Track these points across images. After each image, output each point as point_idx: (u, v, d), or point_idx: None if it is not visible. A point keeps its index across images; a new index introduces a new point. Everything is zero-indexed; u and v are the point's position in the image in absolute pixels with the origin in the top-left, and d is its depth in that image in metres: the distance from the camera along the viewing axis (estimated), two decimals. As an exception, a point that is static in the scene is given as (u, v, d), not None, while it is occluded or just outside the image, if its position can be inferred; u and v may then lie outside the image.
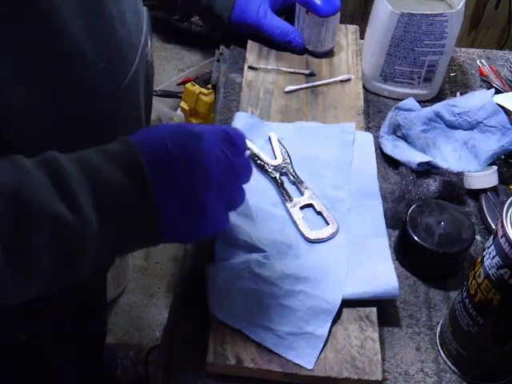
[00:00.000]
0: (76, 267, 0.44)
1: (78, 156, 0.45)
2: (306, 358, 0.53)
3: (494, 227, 0.67)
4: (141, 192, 0.45)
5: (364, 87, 0.85)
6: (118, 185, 0.44)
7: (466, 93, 0.84)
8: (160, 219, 0.46)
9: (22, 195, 0.40)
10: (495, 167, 0.72)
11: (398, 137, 0.76)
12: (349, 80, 0.83)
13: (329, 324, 0.55)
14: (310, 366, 0.53)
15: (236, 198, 0.53)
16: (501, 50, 0.99)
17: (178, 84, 1.97)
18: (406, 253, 0.65)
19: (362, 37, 0.89)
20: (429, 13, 0.76)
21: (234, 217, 0.60)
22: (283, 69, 0.84)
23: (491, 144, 0.73)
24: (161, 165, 0.46)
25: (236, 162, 0.51)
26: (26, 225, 0.40)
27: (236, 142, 0.51)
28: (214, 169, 0.48)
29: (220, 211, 0.50)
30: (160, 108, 1.94)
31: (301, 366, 0.53)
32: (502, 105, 0.76)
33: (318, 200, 0.66)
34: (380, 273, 0.59)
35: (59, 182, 0.42)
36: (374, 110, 0.84)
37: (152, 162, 0.46)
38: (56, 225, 0.41)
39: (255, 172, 0.69)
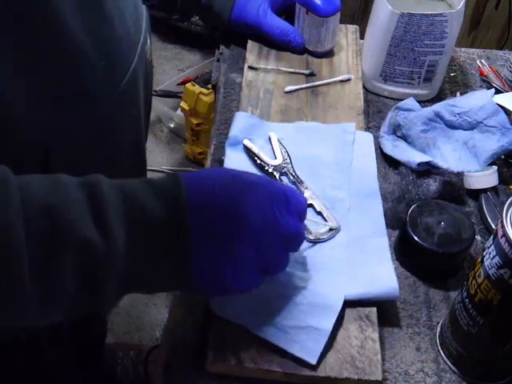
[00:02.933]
0: (100, 295, 0.43)
1: (121, 183, 0.44)
2: (309, 352, 0.53)
3: (494, 227, 0.67)
4: (176, 232, 0.43)
5: (364, 87, 0.85)
6: (154, 220, 0.42)
7: (466, 93, 0.84)
8: (189, 263, 0.44)
9: (56, 215, 0.39)
10: (495, 167, 0.72)
11: (398, 137, 0.76)
12: (349, 80, 0.83)
13: (333, 320, 0.55)
14: (313, 361, 0.53)
15: (275, 263, 0.49)
16: (501, 50, 0.99)
17: (178, 84, 1.97)
18: (406, 253, 0.65)
19: (362, 37, 0.89)
20: (429, 13, 0.76)
21: None
22: (283, 69, 0.84)
23: (491, 144, 0.73)
24: (203, 208, 0.44)
25: (284, 224, 0.47)
26: (56, 245, 0.39)
27: (291, 203, 0.48)
28: (256, 225, 0.46)
29: (253, 270, 0.47)
30: (160, 108, 1.95)
31: (301, 366, 0.53)
32: (502, 105, 0.76)
33: (318, 200, 0.66)
34: (380, 274, 0.59)
35: (96, 207, 0.41)
36: (374, 110, 0.84)
37: (194, 204, 0.44)
38: (85, 249, 0.40)
39: (255, 172, 0.69)
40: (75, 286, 0.41)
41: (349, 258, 0.61)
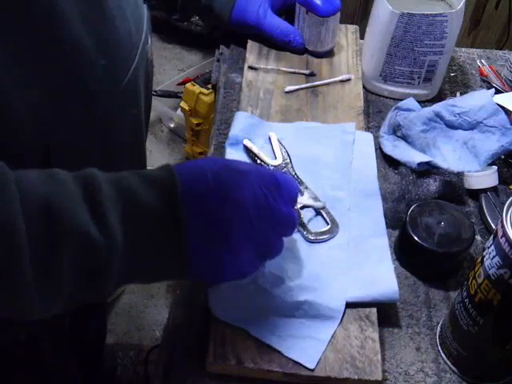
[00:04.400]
0: (98, 286, 0.44)
1: (115, 176, 0.44)
2: (307, 358, 0.53)
3: (494, 227, 0.67)
4: (172, 221, 0.44)
5: (364, 87, 0.85)
6: (150, 211, 0.43)
7: (466, 93, 0.84)
8: (187, 251, 0.45)
9: (54, 208, 0.40)
10: (495, 167, 0.72)
11: (398, 137, 0.76)
12: (349, 80, 0.83)
13: (333, 330, 0.55)
14: (311, 366, 0.53)
15: (270, 247, 0.50)
16: (501, 50, 0.99)
17: (178, 84, 1.97)
18: (406, 253, 0.65)
19: (362, 37, 0.89)
20: (429, 13, 0.76)
21: None
22: (283, 69, 0.84)
23: (491, 144, 0.73)
24: (197, 196, 0.45)
25: (278, 209, 0.48)
26: (54, 238, 0.40)
27: (283, 189, 0.49)
28: (251, 212, 0.46)
29: (249, 255, 0.48)
30: (160, 108, 1.95)
31: (301, 366, 0.53)
32: (502, 105, 0.76)
33: (318, 200, 0.66)
34: (380, 276, 0.59)
35: (92, 200, 0.42)
36: (374, 110, 0.84)
37: (189, 193, 0.44)
38: (83, 242, 0.41)
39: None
40: (74, 278, 0.41)
41: (349, 259, 0.61)
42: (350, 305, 0.57)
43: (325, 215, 0.65)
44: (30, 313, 0.43)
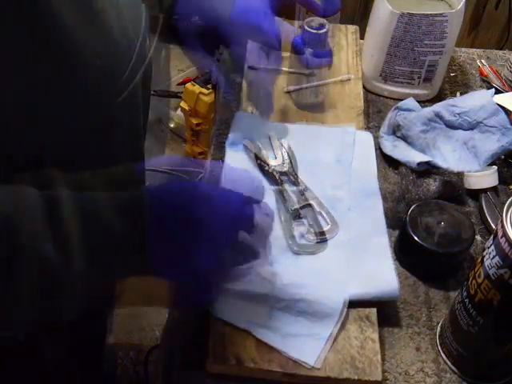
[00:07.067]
0: (57, 307, 0.44)
1: (81, 197, 0.44)
2: (307, 356, 0.53)
3: (494, 227, 0.67)
4: (136, 245, 0.44)
5: (364, 87, 0.85)
6: (113, 236, 0.44)
7: (466, 93, 0.84)
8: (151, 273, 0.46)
9: (13, 226, 0.40)
10: (495, 167, 0.72)
11: (398, 137, 0.76)
12: (349, 80, 0.83)
13: (331, 328, 0.55)
14: (311, 363, 0.53)
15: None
16: (501, 50, 0.99)
17: (178, 84, 1.97)
18: (406, 253, 0.65)
19: (362, 37, 0.89)
20: (429, 13, 0.76)
21: None
22: (283, 69, 0.84)
23: (491, 144, 0.73)
24: (162, 221, 0.46)
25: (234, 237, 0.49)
26: (12, 255, 0.39)
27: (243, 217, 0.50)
28: (214, 231, 0.48)
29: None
30: (160, 108, 1.95)
31: (301, 366, 0.53)
32: (502, 105, 0.76)
33: (318, 200, 0.66)
34: (380, 274, 0.59)
35: (55, 222, 0.41)
36: (374, 110, 0.84)
37: (155, 217, 0.45)
38: (40, 263, 0.40)
39: (255, 172, 0.69)
40: (33, 301, 0.41)
41: (349, 258, 0.61)
42: (350, 305, 0.57)
43: (325, 215, 0.64)
44: None
